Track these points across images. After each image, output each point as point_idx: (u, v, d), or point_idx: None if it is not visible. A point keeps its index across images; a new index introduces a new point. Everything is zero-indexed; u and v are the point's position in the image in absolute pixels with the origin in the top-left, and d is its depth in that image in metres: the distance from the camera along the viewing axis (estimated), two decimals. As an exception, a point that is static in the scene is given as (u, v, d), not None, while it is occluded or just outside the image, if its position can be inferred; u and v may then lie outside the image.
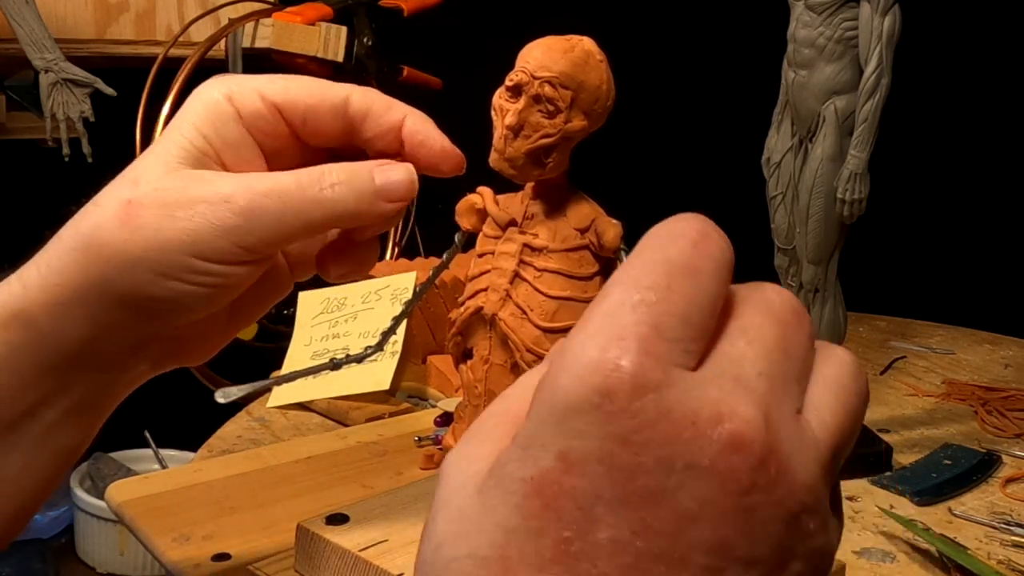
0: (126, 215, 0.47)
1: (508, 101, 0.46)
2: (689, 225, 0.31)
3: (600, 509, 0.28)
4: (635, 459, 0.28)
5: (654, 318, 0.29)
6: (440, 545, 0.30)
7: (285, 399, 0.98)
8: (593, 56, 0.46)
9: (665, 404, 0.28)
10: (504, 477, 0.29)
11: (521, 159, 0.46)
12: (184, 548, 0.69)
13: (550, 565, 0.28)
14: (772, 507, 0.29)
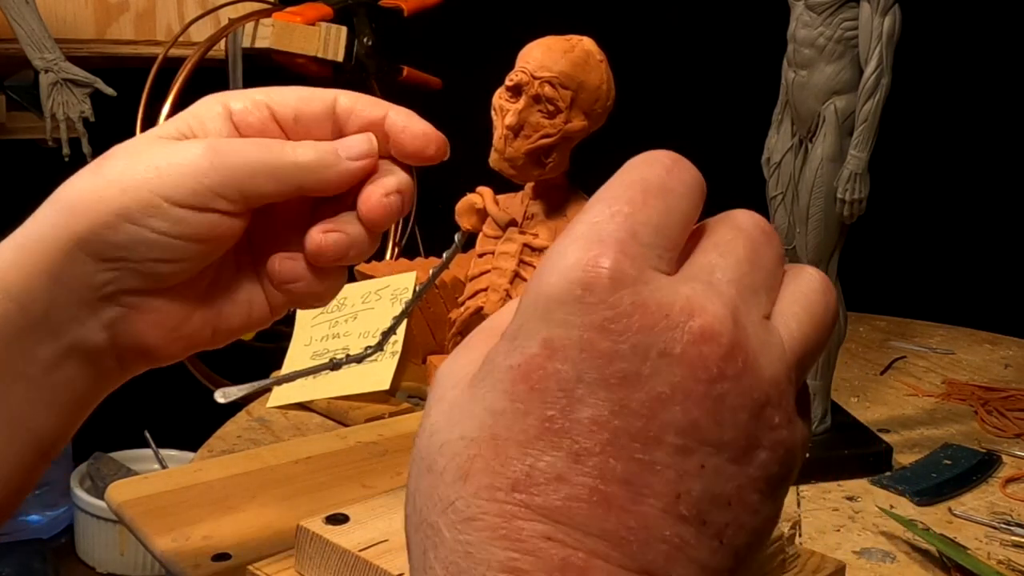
0: (96, 166, 0.50)
1: (508, 101, 0.46)
2: (663, 153, 0.35)
3: (581, 391, 0.31)
4: (612, 346, 0.31)
5: (631, 226, 0.32)
6: (433, 432, 0.33)
7: (285, 399, 0.98)
8: (593, 56, 0.46)
9: (640, 298, 0.31)
10: (493, 368, 0.32)
11: (521, 159, 0.46)
12: (184, 548, 0.69)
13: (535, 441, 0.31)
14: (739, 396, 0.31)
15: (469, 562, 0.30)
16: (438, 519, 0.31)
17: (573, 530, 0.30)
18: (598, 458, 0.30)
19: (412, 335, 1.02)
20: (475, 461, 0.31)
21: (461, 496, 0.31)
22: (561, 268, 0.32)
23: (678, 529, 0.31)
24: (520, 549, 0.30)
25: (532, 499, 0.30)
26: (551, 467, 0.30)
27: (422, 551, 0.32)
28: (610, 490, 0.30)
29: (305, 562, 0.60)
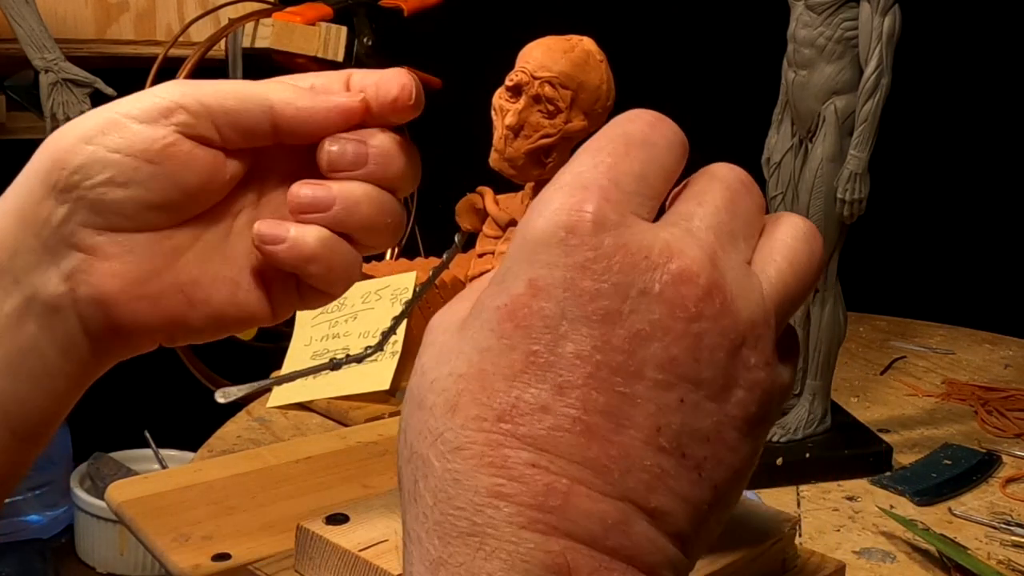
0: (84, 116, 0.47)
1: (508, 101, 0.46)
2: (646, 111, 0.36)
3: (565, 327, 0.32)
4: (594, 285, 0.32)
5: (613, 175, 0.34)
6: (424, 371, 0.35)
7: (285, 399, 0.98)
8: (593, 56, 0.46)
9: (622, 240, 0.33)
10: (482, 310, 0.34)
11: (521, 159, 0.46)
12: (184, 548, 0.69)
13: (520, 374, 0.32)
14: (717, 336, 0.33)
15: (457, 489, 0.32)
16: (427, 451, 0.33)
17: (557, 458, 0.32)
18: (581, 390, 0.32)
19: (412, 335, 1.02)
20: (463, 395, 0.33)
21: (450, 427, 0.32)
22: (546, 213, 0.33)
23: (658, 460, 0.32)
24: (506, 475, 0.32)
25: (517, 428, 0.32)
26: (536, 399, 0.32)
27: (412, 482, 0.33)
28: (592, 421, 0.32)
29: (305, 562, 0.60)
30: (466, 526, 0.32)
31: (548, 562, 0.31)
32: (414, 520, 0.33)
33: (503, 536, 0.31)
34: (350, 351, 1.00)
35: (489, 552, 0.31)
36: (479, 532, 0.32)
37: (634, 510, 0.32)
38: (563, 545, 0.31)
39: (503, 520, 0.31)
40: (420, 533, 0.33)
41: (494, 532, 0.32)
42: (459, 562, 0.32)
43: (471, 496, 0.32)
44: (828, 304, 0.88)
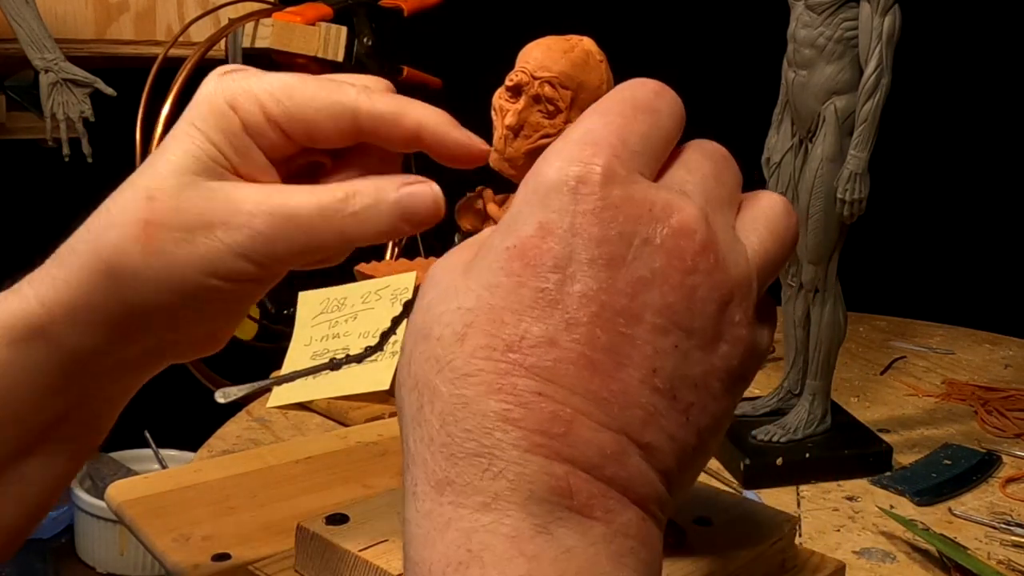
0: (147, 237, 0.46)
1: (508, 101, 0.46)
2: (651, 80, 0.39)
3: (572, 268, 0.34)
4: (602, 231, 0.35)
5: (622, 134, 0.36)
6: (430, 306, 0.36)
7: (285, 399, 0.98)
8: (593, 56, 0.46)
9: (628, 193, 0.35)
10: (489, 250, 0.36)
11: (521, 159, 0.45)
12: (184, 548, 0.69)
13: (529, 309, 0.34)
14: (709, 289, 0.36)
15: (465, 412, 0.34)
16: (435, 377, 0.35)
17: (561, 389, 0.34)
18: (586, 328, 0.34)
19: (412, 335, 1.02)
20: (472, 326, 0.34)
21: (458, 355, 0.34)
22: (558, 164, 0.36)
23: (652, 399, 0.35)
24: (514, 401, 0.33)
25: (525, 359, 0.34)
26: (544, 332, 0.34)
27: (417, 407, 0.35)
28: (596, 357, 0.34)
29: (305, 562, 0.60)
30: (474, 447, 0.33)
31: (551, 484, 0.33)
32: (418, 442, 0.35)
33: (510, 458, 0.33)
34: (350, 351, 1.00)
35: (496, 472, 0.33)
36: (486, 453, 0.33)
37: (629, 443, 0.34)
38: (565, 470, 0.33)
39: (510, 443, 0.33)
40: (425, 455, 0.34)
41: (501, 454, 0.33)
42: (466, 481, 0.33)
43: (479, 420, 0.33)
44: (828, 304, 0.88)
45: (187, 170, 0.46)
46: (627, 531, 0.34)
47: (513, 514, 0.33)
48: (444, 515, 0.34)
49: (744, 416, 0.92)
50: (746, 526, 0.60)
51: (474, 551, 0.33)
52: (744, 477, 0.86)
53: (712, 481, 0.86)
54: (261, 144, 0.47)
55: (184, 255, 0.46)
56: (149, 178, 0.47)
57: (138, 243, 0.46)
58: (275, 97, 0.46)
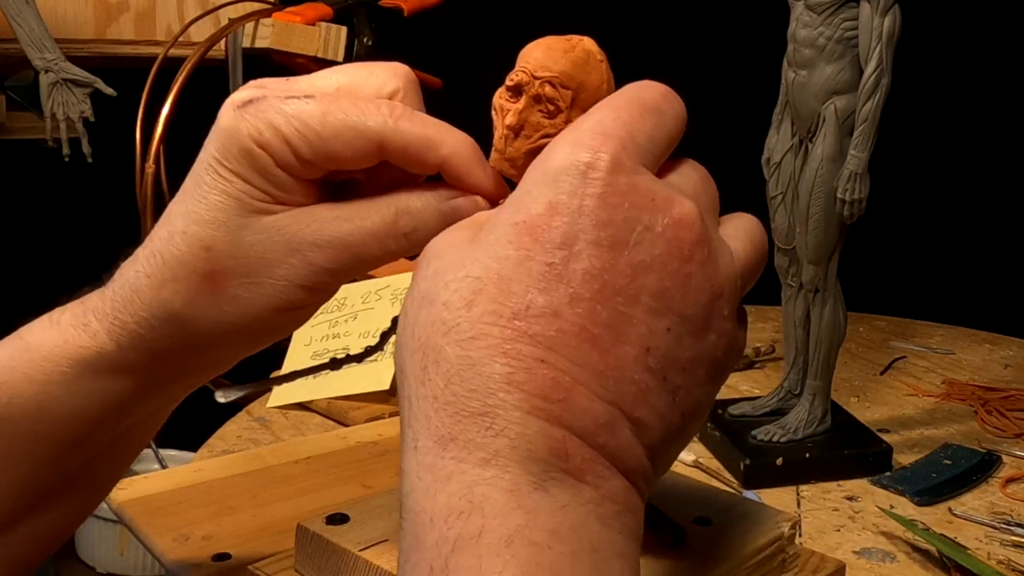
0: (214, 287, 0.47)
1: (508, 101, 0.46)
2: (659, 83, 0.42)
3: (579, 247, 0.37)
4: (607, 215, 0.37)
5: (630, 130, 0.39)
6: (437, 274, 0.38)
7: (285, 399, 0.98)
8: (593, 56, 0.45)
9: (633, 182, 0.38)
10: (497, 225, 0.38)
11: (522, 159, 0.45)
12: (184, 548, 0.69)
13: (537, 281, 0.36)
14: (702, 280, 0.38)
15: (471, 373, 0.36)
16: (441, 339, 0.36)
17: (562, 358, 0.36)
18: (588, 303, 0.36)
19: (412, 335, 1.02)
20: (480, 294, 0.36)
21: (465, 320, 0.36)
22: (569, 150, 0.38)
23: (645, 377, 0.37)
24: (518, 366, 0.35)
25: (530, 327, 0.36)
26: (548, 304, 0.36)
27: (421, 368, 0.37)
28: (596, 331, 0.36)
29: (305, 562, 0.60)
30: (477, 407, 0.35)
31: (549, 445, 0.35)
32: (421, 400, 0.37)
33: (512, 418, 0.35)
34: (350, 351, 1.00)
35: (498, 431, 0.35)
36: (490, 413, 0.35)
37: (621, 416, 0.37)
38: (562, 433, 0.36)
39: (513, 404, 0.35)
40: (428, 411, 0.36)
41: (504, 414, 0.35)
42: (469, 438, 0.35)
43: (484, 380, 0.35)
44: (828, 304, 0.88)
45: (234, 214, 0.47)
46: (614, 497, 0.36)
47: (512, 470, 0.35)
48: (446, 468, 0.35)
49: (744, 416, 0.92)
50: (746, 526, 0.60)
51: (475, 502, 0.34)
52: (744, 477, 0.86)
53: (712, 481, 0.86)
54: (292, 174, 0.47)
55: (253, 297, 0.47)
56: (196, 224, 0.47)
57: (205, 294, 0.47)
58: (300, 133, 0.46)
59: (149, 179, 1.49)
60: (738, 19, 1.82)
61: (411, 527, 0.36)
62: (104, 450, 0.53)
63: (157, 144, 1.50)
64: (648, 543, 0.55)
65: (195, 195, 0.47)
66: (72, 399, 0.49)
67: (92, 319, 0.49)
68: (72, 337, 0.49)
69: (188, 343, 0.49)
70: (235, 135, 0.46)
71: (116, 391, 0.50)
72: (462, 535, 0.34)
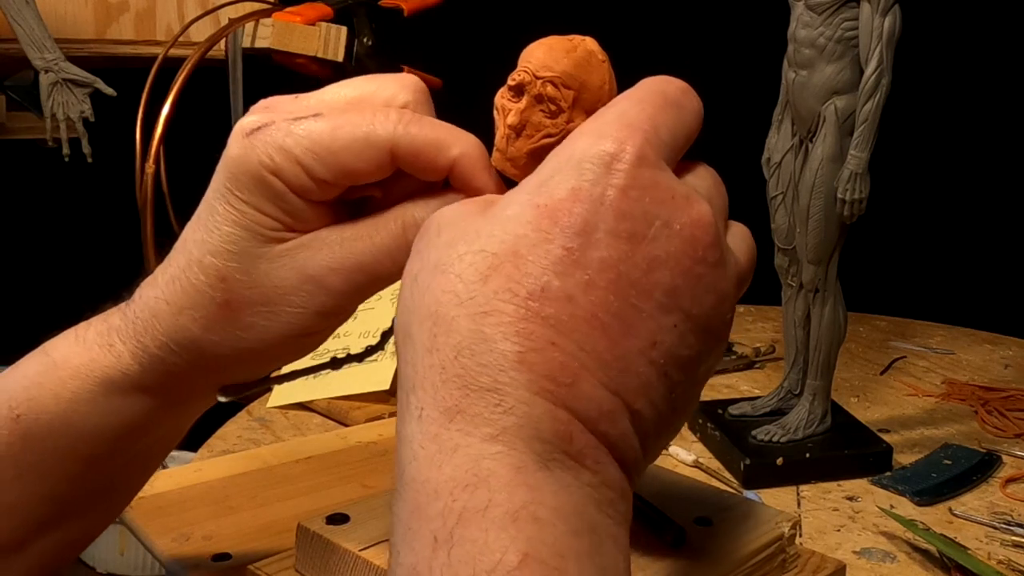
0: (231, 315, 0.47)
1: (510, 101, 0.46)
2: (679, 80, 0.42)
3: (598, 235, 0.37)
4: (628, 207, 0.37)
5: (654, 123, 0.39)
6: (450, 243, 0.38)
7: (285, 399, 0.98)
8: (595, 56, 0.45)
9: (655, 177, 0.38)
10: (515, 203, 0.38)
11: (523, 158, 0.45)
12: (184, 548, 0.69)
13: (555, 264, 0.36)
14: (711, 282, 0.39)
15: (483, 347, 0.36)
16: (453, 310, 0.37)
17: (572, 343, 0.36)
18: (602, 292, 0.37)
19: (412, 335, 1.02)
20: (496, 269, 0.37)
21: (481, 293, 0.36)
22: (594, 138, 0.38)
23: (648, 371, 0.37)
24: (530, 346, 0.36)
25: (544, 309, 0.36)
26: (564, 288, 0.36)
27: (431, 336, 0.37)
28: (607, 320, 0.37)
29: (305, 562, 0.60)
30: (488, 382, 0.36)
31: (555, 428, 0.36)
32: (428, 368, 0.37)
33: (520, 397, 0.35)
34: (350, 350, 0.99)
35: (507, 408, 0.35)
36: (500, 390, 0.36)
37: (622, 406, 0.37)
38: (567, 417, 0.36)
39: (522, 384, 0.36)
40: (436, 381, 0.36)
41: (513, 392, 0.35)
42: (477, 412, 0.36)
43: (496, 357, 0.36)
44: (828, 304, 0.88)
45: (248, 245, 0.47)
46: (611, 484, 0.37)
47: (519, 448, 0.35)
48: (452, 440, 0.36)
49: (744, 416, 0.92)
50: (746, 526, 0.60)
51: (481, 476, 0.35)
52: (744, 477, 0.86)
53: (712, 481, 0.86)
54: (307, 197, 0.46)
55: (270, 325, 0.48)
56: (212, 255, 0.47)
57: (223, 323, 0.48)
58: (311, 152, 0.45)
59: (149, 179, 1.49)
60: (738, 19, 1.82)
61: (412, 495, 0.36)
62: (125, 465, 0.54)
63: (157, 144, 1.50)
64: (648, 543, 0.56)
65: (208, 224, 0.47)
66: (97, 416, 0.50)
67: (116, 339, 0.50)
68: (98, 356, 0.50)
69: (207, 367, 0.49)
70: (246, 164, 0.46)
71: (138, 410, 0.51)
72: (468, 507, 0.34)
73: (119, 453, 0.52)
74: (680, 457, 0.90)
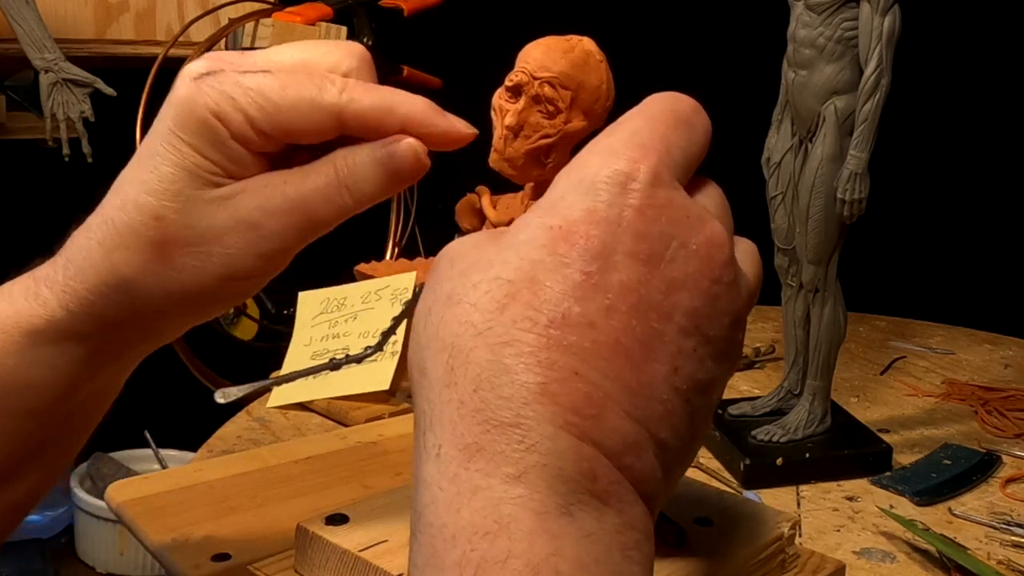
0: (164, 256, 0.48)
1: (508, 101, 0.46)
2: (690, 97, 0.41)
3: (617, 258, 0.36)
4: (645, 228, 0.36)
5: (667, 143, 0.38)
6: (463, 273, 0.37)
7: (285, 399, 0.98)
8: (593, 56, 0.45)
9: (670, 197, 0.37)
10: (527, 227, 0.37)
11: (521, 159, 0.45)
12: (184, 548, 0.69)
13: (574, 289, 0.35)
14: (728, 302, 0.38)
15: (504, 379, 0.34)
16: (470, 341, 0.35)
17: (595, 371, 0.35)
18: (624, 316, 0.35)
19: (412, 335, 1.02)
20: (513, 298, 0.35)
21: (499, 323, 0.35)
22: (607, 157, 0.37)
23: (672, 397, 0.36)
24: (552, 377, 0.34)
25: (566, 337, 0.34)
26: (584, 314, 0.35)
27: (447, 369, 0.35)
28: (630, 346, 0.35)
29: (305, 562, 0.60)
30: (510, 417, 0.34)
31: (580, 465, 0.34)
32: (445, 404, 0.35)
33: (544, 432, 0.34)
34: (350, 351, 1.00)
35: (529, 445, 0.34)
36: (523, 424, 0.34)
37: (647, 437, 0.35)
38: (592, 452, 0.34)
39: (547, 418, 0.34)
40: (454, 417, 0.35)
41: (537, 427, 0.34)
42: (498, 450, 0.34)
43: (517, 389, 0.34)
44: (828, 304, 0.88)
45: (186, 186, 0.47)
46: (635, 524, 0.35)
47: (541, 490, 0.34)
48: (472, 481, 0.34)
49: (744, 416, 0.92)
50: (746, 526, 0.60)
51: (502, 523, 0.33)
52: (744, 477, 0.86)
53: (712, 481, 0.86)
54: (247, 147, 0.48)
55: (203, 266, 0.48)
56: (148, 194, 0.48)
57: (156, 263, 0.48)
58: (258, 104, 0.46)
59: (149, 179, 1.49)
60: (738, 19, 1.82)
61: (429, 540, 0.34)
62: (62, 421, 0.53)
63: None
64: (648, 543, 0.56)
65: (148, 165, 0.48)
66: (26, 368, 0.50)
67: (43, 288, 0.50)
68: (23, 307, 0.50)
69: (138, 310, 0.49)
70: (192, 106, 0.47)
71: (68, 360, 0.50)
72: (486, 558, 0.33)
73: (54, 408, 0.52)
74: (680, 457, 0.90)
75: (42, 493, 0.56)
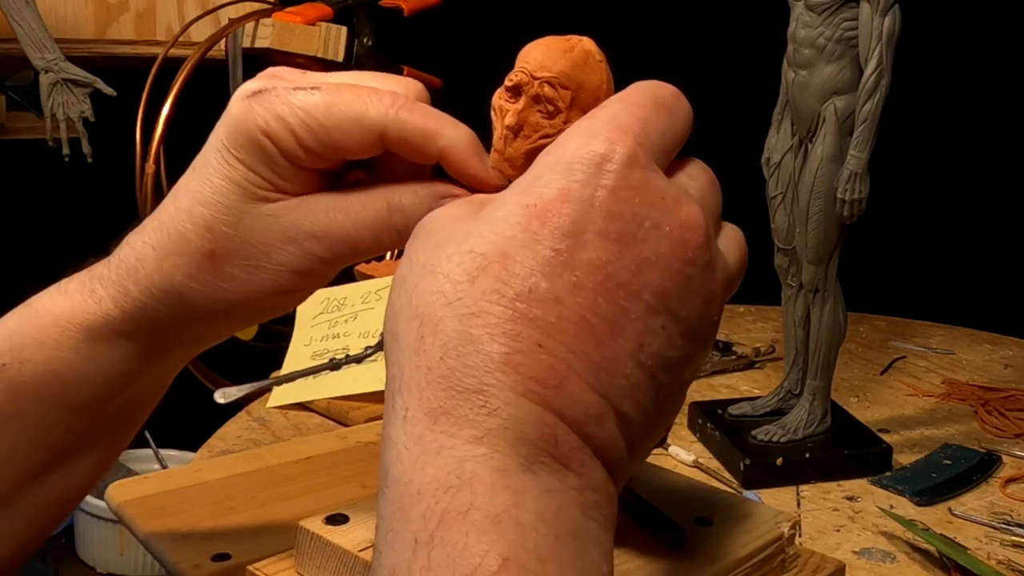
0: (214, 265, 0.49)
1: (507, 101, 0.46)
2: (670, 85, 0.42)
3: (587, 236, 0.37)
4: (618, 208, 0.37)
5: (645, 126, 0.39)
6: (439, 244, 0.38)
7: (285, 399, 0.98)
8: (593, 56, 0.45)
9: (646, 178, 0.38)
10: (504, 204, 0.38)
11: (521, 159, 0.45)
12: (184, 548, 0.69)
13: (543, 265, 0.36)
14: (700, 283, 0.39)
15: (469, 349, 0.36)
16: (441, 311, 0.36)
17: (559, 344, 0.36)
18: (591, 293, 0.36)
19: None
20: (484, 270, 0.36)
21: (468, 294, 0.36)
22: (585, 139, 0.38)
23: (636, 372, 0.37)
24: (516, 348, 0.36)
25: (531, 310, 0.36)
26: (551, 290, 0.36)
27: (417, 337, 0.37)
28: (595, 322, 0.36)
29: (305, 562, 0.60)
30: (473, 384, 0.35)
31: (540, 430, 0.35)
32: (414, 370, 0.37)
33: (506, 399, 0.35)
34: (350, 351, 1.00)
35: (492, 410, 0.35)
36: (486, 391, 0.35)
37: (609, 408, 0.37)
38: (553, 419, 0.36)
39: (508, 386, 0.35)
40: (421, 383, 0.36)
41: (499, 394, 0.35)
42: (462, 414, 0.35)
43: (482, 359, 0.35)
44: (828, 304, 0.88)
45: (237, 200, 0.49)
46: (595, 487, 0.37)
47: (503, 450, 0.35)
48: (436, 441, 0.35)
49: (744, 416, 0.92)
50: (746, 526, 0.60)
51: (464, 478, 0.35)
52: (744, 477, 0.86)
53: (712, 481, 0.86)
54: (297, 164, 0.49)
55: (251, 278, 0.49)
56: (201, 205, 0.49)
57: (206, 272, 0.49)
58: (304, 123, 0.47)
59: (149, 179, 1.49)
60: (738, 19, 1.82)
61: (395, 496, 0.36)
62: (111, 415, 0.55)
63: (157, 144, 1.51)
64: (648, 543, 0.56)
65: (202, 175, 0.49)
66: (80, 363, 0.52)
67: (98, 286, 0.51)
68: (79, 303, 0.51)
69: (186, 315, 0.51)
70: (243, 124, 0.48)
71: (120, 356, 0.52)
72: (449, 510, 0.34)
73: (103, 403, 0.53)
74: (680, 457, 0.90)
75: (89, 487, 0.57)
